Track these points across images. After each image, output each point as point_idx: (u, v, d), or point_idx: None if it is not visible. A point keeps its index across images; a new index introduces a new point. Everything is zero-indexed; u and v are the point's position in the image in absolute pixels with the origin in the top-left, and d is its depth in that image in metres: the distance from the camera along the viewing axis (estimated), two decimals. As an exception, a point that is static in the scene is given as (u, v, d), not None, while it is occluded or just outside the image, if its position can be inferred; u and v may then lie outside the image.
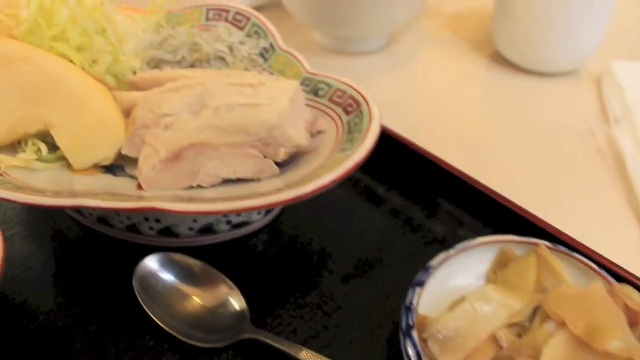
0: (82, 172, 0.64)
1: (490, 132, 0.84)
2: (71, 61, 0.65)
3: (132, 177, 0.63)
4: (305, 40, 0.97)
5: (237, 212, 0.60)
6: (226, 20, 0.79)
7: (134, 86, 0.67)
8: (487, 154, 0.80)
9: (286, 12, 0.99)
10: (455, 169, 0.70)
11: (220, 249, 0.65)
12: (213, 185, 0.59)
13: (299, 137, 0.58)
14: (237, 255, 0.66)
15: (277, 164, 0.59)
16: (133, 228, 0.65)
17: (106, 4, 0.68)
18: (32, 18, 0.64)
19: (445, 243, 0.67)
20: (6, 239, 0.56)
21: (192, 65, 0.70)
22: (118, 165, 0.64)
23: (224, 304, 0.58)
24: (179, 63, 0.69)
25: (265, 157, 0.58)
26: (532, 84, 0.91)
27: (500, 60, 0.96)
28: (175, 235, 0.64)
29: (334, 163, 0.55)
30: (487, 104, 0.89)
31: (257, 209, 0.51)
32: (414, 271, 0.56)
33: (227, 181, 0.59)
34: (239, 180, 0.59)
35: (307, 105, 0.64)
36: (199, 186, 0.59)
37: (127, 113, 0.64)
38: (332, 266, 0.64)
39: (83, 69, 0.65)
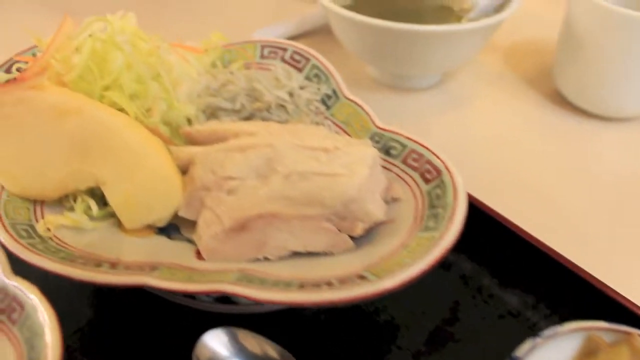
0: (134, 233, 0.59)
1: (555, 183, 0.79)
2: (124, 111, 0.60)
3: (189, 240, 0.59)
4: (354, 71, 0.92)
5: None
6: (283, 59, 0.74)
7: (190, 139, 0.62)
8: (554, 209, 0.75)
9: (334, 41, 0.93)
10: (528, 234, 0.65)
11: (277, 317, 0.61)
12: (281, 258, 0.55)
13: (378, 212, 0.53)
14: (294, 325, 0.61)
15: (350, 236, 0.54)
16: (192, 295, 0.60)
17: (162, 45, 0.63)
18: (83, 64, 0.59)
19: (518, 317, 0.62)
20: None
21: (252, 115, 0.64)
22: (172, 225, 0.60)
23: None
24: (237, 112, 0.64)
25: (340, 231, 0.54)
26: (598, 128, 0.86)
27: (559, 99, 0.91)
28: (234, 303, 0.59)
29: (420, 246, 0.50)
30: (550, 150, 0.84)
31: (346, 302, 0.46)
32: (488, 348, 0.51)
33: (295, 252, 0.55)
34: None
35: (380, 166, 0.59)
36: (265, 258, 0.55)
37: (184, 170, 0.59)
38: (401, 341, 0.59)
39: (137, 119, 0.60)
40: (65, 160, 0.57)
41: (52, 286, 0.55)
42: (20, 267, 0.51)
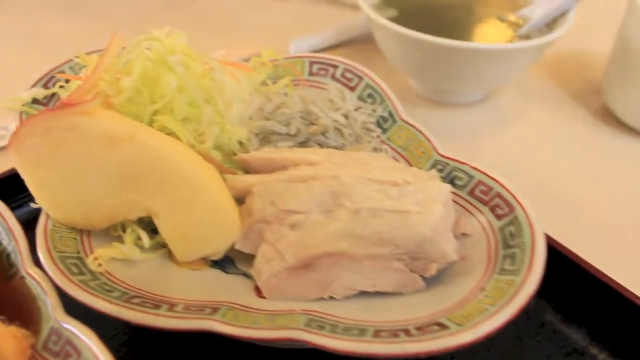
0: (187, 265, 0.56)
1: (607, 207, 0.76)
2: (175, 135, 0.57)
3: (246, 274, 0.56)
4: (396, 84, 0.88)
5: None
6: (333, 77, 0.71)
7: (245, 165, 0.59)
8: (608, 236, 0.72)
9: (374, 51, 0.90)
10: (591, 265, 0.62)
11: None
12: (346, 297, 0.52)
13: (453, 252, 0.50)
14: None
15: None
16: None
17: (214, 65, 0.59)
18: (134, 86, 0.55)
19: (584, 355, 0.59)
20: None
21: (308, 139, 0.61)
22: (227, 257, 0.57)
23: None
24: (293, 137, 0.61)
25: (411, 270, 0.51)
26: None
27: (608, 117, 0.87)
28: (290, 340, 0.57)
29: (499, 291, 0.47)
30: (600, 170, 0.81)
31: (428, 354, 0.43)
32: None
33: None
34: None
35: (445, 198, 0.56)
36: (330, 297, 0.52)
37: (239, 199, 0.56)
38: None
39: (189, 144, 0.57)
40: (116, 189, 0.54)
41: (107, 323, 0.52)
42: (71, 303, 0.49)
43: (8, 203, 0.57)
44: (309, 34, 0.96)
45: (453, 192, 0.57)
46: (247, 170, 0.59)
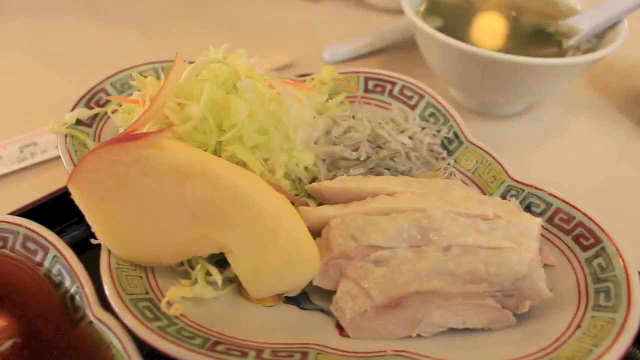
0: (260, 302, 0.54)
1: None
2: (245, 165, 0.53)
3: (323, 310, 0.53)
4: (437, 93, 0.86)
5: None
6: (391, 94, 0.68)
7: (318, 196, 0.56)
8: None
9: (412, 59, 0.87)
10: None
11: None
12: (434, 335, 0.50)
13: (547, 288, 0.49)
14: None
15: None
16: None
17: (280, 88, 0.56)
18: (201, 115, 0.52)
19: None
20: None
21: (377, 164, 0.58)
22: (301, 292, 0.54)
23: None
24: (363, 163, 0.58)
25: (503, 307, 0.49)
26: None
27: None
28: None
29: (598, 329, 0.46)
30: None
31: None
32: None
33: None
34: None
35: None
36: (418, 335, 0.50)
37: (314, 232, 0.54)
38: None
39: (261, 175, 0.54)
40: (187, 225, 0.51)
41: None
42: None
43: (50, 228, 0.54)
44: (343, 39, 0.93)
45: (531, 220, 0.56)
46: (320, 200, 0.57)
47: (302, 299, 0.54)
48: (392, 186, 0.54)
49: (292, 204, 0.54)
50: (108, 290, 0.50)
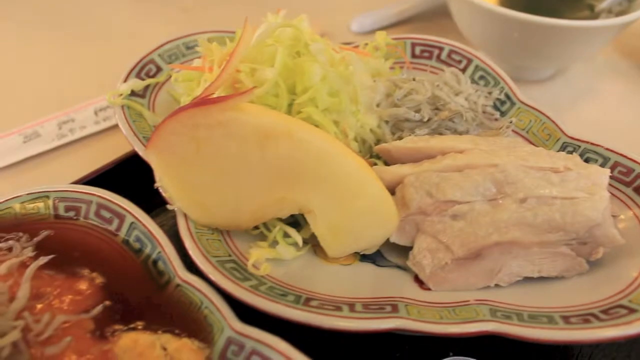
0: (336, 261, 0.55)
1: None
2: (319, 127, 0.54)
3: (399, 266, 0.55)
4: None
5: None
6: (439, 58, 0.69)
7: (386, 155, 0.57)
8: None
9: (438, 28, 0.88)
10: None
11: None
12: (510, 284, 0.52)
13: (619, 235, 0.51)
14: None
15: (579, 258, 0.52)
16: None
17: (348, 53, 0.56)
18: (275, 79, 0.52)
19: None
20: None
21: (439, 125, 0.60)
22: (376, 251, 0.56)
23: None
24: (425, 124, 0.59)
25: (577, 255, 0.51)
26: None
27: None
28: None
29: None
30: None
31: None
32: None
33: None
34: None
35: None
36: (496, 285, 0.52)
37: (388, 190, 0.55)
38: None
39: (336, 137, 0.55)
40: (268, 187, 0.51)
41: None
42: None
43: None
44: (370, 9, 0.93)
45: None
46: (388, 160, 0.58)
47: (376, 256, 0.56)
48: (461, 144, 0.55)
49: (364, 165, 0.55)
50: (193, 253, 0.50)
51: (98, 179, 0.66)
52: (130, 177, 0.62)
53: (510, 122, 0.61)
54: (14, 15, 1.07)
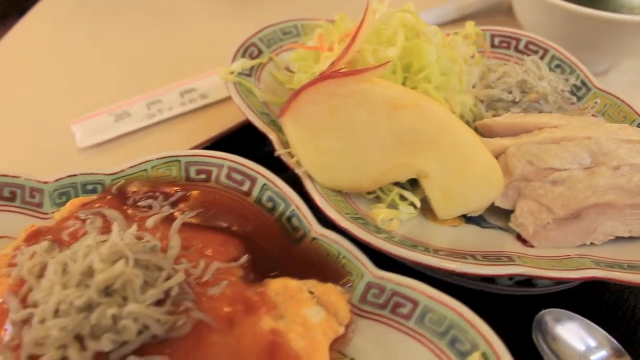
0: (445, 223, 0.61)
1: None
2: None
3: (502, 228, 0.61)
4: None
5: None
6: (516, 49, 0.76)
7: (488, 130, 0.64)
8: None
9: (497, 24, 0.95)
10: None
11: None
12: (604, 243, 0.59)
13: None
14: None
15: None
16: (489, 279, 0.63)
17: (454, 38, 0.63)
18: (396, 57, 0.59)
19: None
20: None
21: (528, 106, 0.67)
22: (477, 216, 0.62)
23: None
24: (515, 104, 0.66)
25: (661, 217, 0.58)
26: None
27: None
28: (533, 285, 0.63)
29: None
30: None
31: None
32: None
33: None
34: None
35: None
36: (591, 243, 0.58)
37: (490, 160, 0.61)
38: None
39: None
40: (392, 153, 0.57)
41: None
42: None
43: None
44: (429, 6, 1.00)
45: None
46: (487, 135, 0.64)
47: (480, 219, 0.62)
48: (555, 120, 0.62)
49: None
50: (327, 209, 0.56)
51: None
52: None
53: (596, 103, 0.68)
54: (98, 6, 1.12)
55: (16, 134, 0.84)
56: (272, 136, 0.63)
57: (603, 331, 0.58)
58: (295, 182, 0.59)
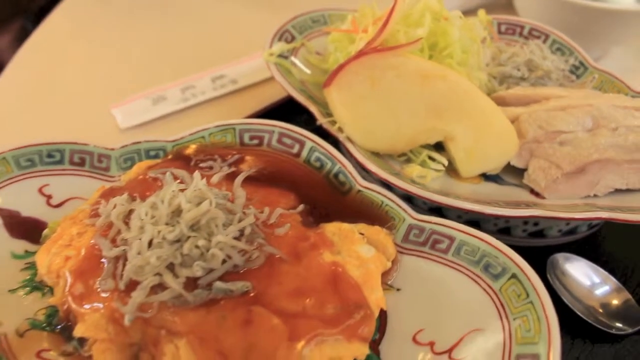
0: (466, 180, 0.70)
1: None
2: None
3: (517, 185, 0.70)
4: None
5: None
6: (521, 35, 0.86)
7: (501, 100, 0.73)
8: None
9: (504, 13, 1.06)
10: None
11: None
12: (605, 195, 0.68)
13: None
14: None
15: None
16: (505, 231, 0.71)
17: (472, 20, 0.72)
18: (424, 37, 0.68)
19: None
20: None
21: (535, 82, 0.76)
22: (494, 175, 0.71)
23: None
24: (524, 80, 0.76)
25: (654, 171, 0.68)
26: None
27: None
28: (544, 236, 0.72)
29: None
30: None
31: None
32: None
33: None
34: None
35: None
36: (594, 195, 0.68)
37: (505, 126, 0.70)
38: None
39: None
40: (423, 118, 0.66)
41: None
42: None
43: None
44: None
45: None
46: (502, 104, 0.73)
47: (497, 177, 0.71)
48: (560, 92, 0.71)
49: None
50: (370, 166, 0.64)
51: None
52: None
53: (594, 78, 0.78)
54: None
55: (60, 118, 0.91)
56: (313, 108, 0.71)
57: (606, 272, 0.67)
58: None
